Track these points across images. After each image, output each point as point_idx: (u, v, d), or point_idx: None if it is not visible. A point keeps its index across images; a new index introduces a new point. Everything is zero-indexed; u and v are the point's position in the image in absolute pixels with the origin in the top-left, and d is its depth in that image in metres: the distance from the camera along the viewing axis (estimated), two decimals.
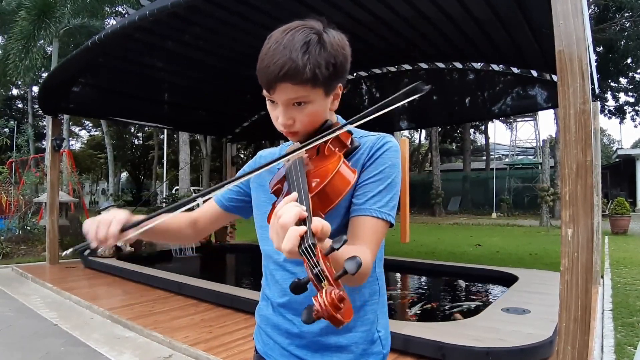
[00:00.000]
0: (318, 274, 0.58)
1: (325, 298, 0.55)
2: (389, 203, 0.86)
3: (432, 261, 6.66)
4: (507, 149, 35.24)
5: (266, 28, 3.85)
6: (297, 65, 0.78)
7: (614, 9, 19.13)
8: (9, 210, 9.23)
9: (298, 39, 0.80)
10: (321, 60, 0.80)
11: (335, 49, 0.83)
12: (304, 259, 0.60)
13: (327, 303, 0.55)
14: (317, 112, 0.86)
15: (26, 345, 3.42)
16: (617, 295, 4.70)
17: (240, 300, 4.11)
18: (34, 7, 10.81)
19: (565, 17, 2.13)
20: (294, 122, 0.86)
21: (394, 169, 0.88)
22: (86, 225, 0.83)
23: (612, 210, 11.51)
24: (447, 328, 3.24)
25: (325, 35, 0.82)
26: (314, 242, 0.61)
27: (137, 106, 7.94)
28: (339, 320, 0.55)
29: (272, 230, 0.66)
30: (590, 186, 2.08)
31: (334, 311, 0.54)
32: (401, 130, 12.64)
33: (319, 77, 0.80)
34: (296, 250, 0.61)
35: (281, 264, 0.95)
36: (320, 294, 0.56)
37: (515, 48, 5.32)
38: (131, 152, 35.05)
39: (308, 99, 0.84)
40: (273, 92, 0.83)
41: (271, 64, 0.79)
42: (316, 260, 0.59)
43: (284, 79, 0.79)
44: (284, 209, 0.65)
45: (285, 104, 0.84)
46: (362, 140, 0.90)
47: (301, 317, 0.58)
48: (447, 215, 20.10)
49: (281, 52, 0.79)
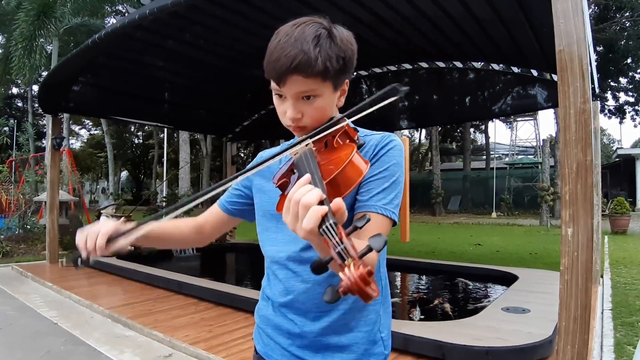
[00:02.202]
0: (341, 252, 0.57)
1: (353, 272, 0.54)
2: (394, 201, 0.86)
3: (432, 260, 6.66)
4: (507, 148, 35.25)
5: (267, 27, 3.89)
6: (309, 57, 0.78)
7: (614, 9, 19.14)
8: (9, 209, 9.23)
9: (309, 32, 0.80)
10: (332, 53, 0.80)
11: (345, 43, 0.83)
12: (326, 238, 0.59)
13: (356, 277, 0.54)
14: (325, 107, 0.87)
15: (26, 344, 3.42)
16: (616, 294, 4.70)
17: (241, 300, 4.11)
18: (34, 7, 10.80)
19: (565, 16, 2.13)
20: (302, 116, 0.86)
21: (398, 167, 0.88)
22: (77, 236, 0.83)
23: (612, 209, 11.51)
24: (447, 327, 3.24)
25: (334, 30, 0.83)
26: (335, 221, 0.60)
27: (137, 105, 7.94)
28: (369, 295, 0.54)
29: (289, 213, 0.66)
30: (590, 186, 2.08)
31: (364, 285, 0.54)
32: (401, 129, 12.64)
33: (330, 70, 0.80)
34: (317, 230, 0.60)
35: (284, 263, 0.95)
36: (347, 268, 0.55)
37: (515, 47, 5.32)
38: (131, 151, 35.07)
39: (317, 93, 0.84)
40: (283, 85, 0.83)
41: (282, 56, 0.79)
42: (339, 239, 0.58)
43: (295, 71, 0.79)
44: (301, 190, 0.64)
45: (294, 97, 0.84)
46: (367, 138, 0.91)
47: (324, 297, 0.57)
48: (447, 215, 20.10)
49: (292, 45, 0.79)
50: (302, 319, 0.93)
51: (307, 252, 0.91)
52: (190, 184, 16.49)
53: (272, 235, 0.98)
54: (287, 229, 0.94)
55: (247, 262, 8.15)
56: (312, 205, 0.61)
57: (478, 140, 39.41)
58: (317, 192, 0.63)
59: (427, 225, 15.30)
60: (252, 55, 6.03)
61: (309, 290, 0.91)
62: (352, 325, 0.92)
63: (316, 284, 0.91)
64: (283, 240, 0.95)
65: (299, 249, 0.92)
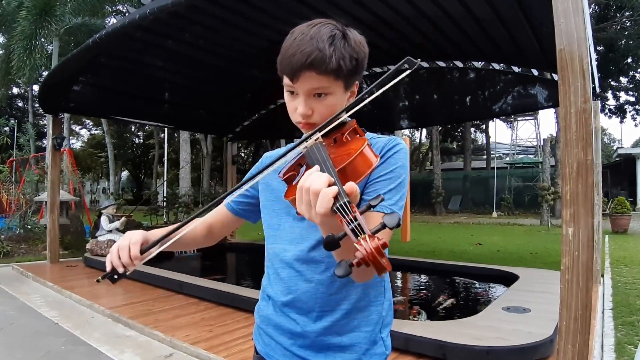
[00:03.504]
0: (355, 228, 0.59)
1: (369, 244, 0.56)
2: (399, 202, 0.87)
3: (432, 260, 6.66)
4: (508, 148, 35.25)
5: (267, 27, 3.90)
6: (324, 54, 0.81)
7: (614, 8, 19.13)
8: (9, 209, 9.24)
9: (324, 32, 0.83)
10: (345, 53, 0.83)
11: (358, 45, 0.86)
12: (339, 216, 0.61)
13: (372, 248, 0.56)
14: (336, 105, 0.88)
15: (27, 344, 3.43)
16: (617, 294, 4.70)
17: (241, 299, 4.11)
18: (34, 7, 10.81)
19: (566, 15, 2.13)
20: (312, 113, 0.88)
21: (404, 169, 0.90)
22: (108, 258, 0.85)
23: (613, 209, 11.50)
24: (448, 327, 3.24)
25: (348, 32, 0.86)
26: (349, 200, 0.62)
27: (137, 105, 7.94)
28: (383, 266, 0.56)
29: (302, 203, 0.68)
30: (591, 185, 2.08)
31: (379, 256, 0.55)
32: (402, 129, 12.62)
33: (343, 68, 0.83)
34: (330, 210, 0.62)
35: (288, 262, 0.95)
36: (362, 240, 0.57)
37: (515, 47, 5.32)
38: (132, 151, 35.08)
39: (329, 90, 0.86)
40: (296, 81, 0.85)
41: (297, 52, 0.82)
42: (352, 216, 0.60)
43: (310, 67, 0.81)
44: (309, 179, 0.66)
45: (306, 93, 0.86)
46: (373, 141, 0.92)
47: (335, 271, 0.58)
48: (448, 214, 20.10)
49: (308, 42, 0.82)
50: (304, 319, 0.93)
51: (313, 252, 0.91)
52: (190, 184, 16.48)
53: (278, 232, 0.99)
54: (292, 227, 0.95)
55: (247, 262, 8.15)
56: (320, 190, 0.63)
57: (478, 140, 39.40)
58: (324, 176, 0.65)
59: (428, 224, 15.29)
60: (252, 55, 6.04)
61: (311, 290, 0.92)
62: (354, 325, 0.92)
63: (319, 283, 0.91)
64: (288, 238, 0.96)
65: (306, 248, 0.92)
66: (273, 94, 7.75)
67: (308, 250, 0.92)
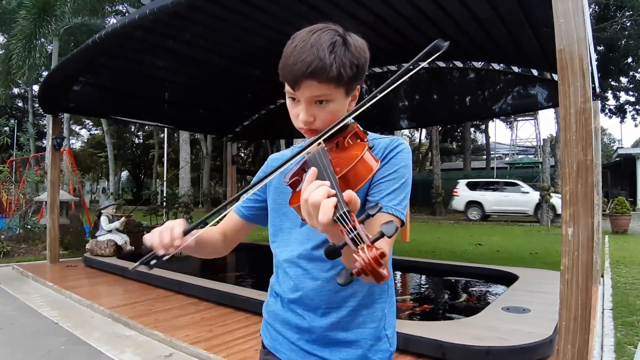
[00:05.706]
0: (354, 237, 0.60)
1: (367, 254, 0.57)
2: (403, 202, 0.88)
3: (432, 260, 6.66)
4: (508, 148, 35.28)
5: (267, 27, 3.89)
6: (325, 63, 0.81)
7: (614, 8, 19.12)
8: (9, 209, 9.24)
9: (325, 39, 0.83)
10: (346, 60, 0.83)
11: (359, 51, 0.86)
12: (339, 225, 0.62)
13: (370, 258, 0.57)
14: (337, 111, 0.89)
15: (27, 344, 3.43)
16: (617, 294, 4.70)
17: (241, 299, 4.10)
18: (34, 6, 10.81)
19: (565, 16, 2.13)
20: (314, 119, 0.89)
21: (407, 169, 0.91)
22: (148, 238, 0.83)
23: (613, 209, 11.50)
24: (447, 327, 3.24)
25: (349, 37, 0.86)
26: (348, 209, 0.63)
27: (137, 105, 7.94)
28: (381, 275, 0.57)
29: (305, 212, 0.69)
30: (591, 185, 2.08)
31: (377, 266, 0.56)
32: (402, 129, 12.62)
33: (344, 76, 0.83)
34: (331, 220, 0.63)
35: (295, 260, 0.97)
36: (361, 251, 0.58)
37: (515, 47, 5.32)
38: (131, 151, 35.08)
39: (330, 97, 0.87)
40: (297, 89, 0.86)
41: (298, 61, 0.82)
42: (352, 225, 0.61)
43: (310, 76, 0.82)
44: (309, 189, 0.67)
45: (308, 101, 0.87)
46: (376, 142, 0.93)
47: (337, 279, 0.60)
48: (448, 214, 20.08)
49: (309, 51, 0.82)
50: (311, 315, 0.95)
51: (318, 250, 0.93)
52: (190, 184, 16.48)
53: (286, 236, 1.00)
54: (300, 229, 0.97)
55: (247, 261, 8.15)
56: (320, 202, 0.64)
57: (478, 140, 39.40)
58: (323, 189, 0.66)
59: (428, 224, 15.29)
60: (253, 55, 6.03)
61: (318, 287, 0.94)
62: (360, 321, 0.94)
63: (325, 281, 0.93)
64: (296, 240, 0.97)
65: (311, 247, 0.94)
66: (273, 94, 7.76)
67: (312, 248, 0.94)
